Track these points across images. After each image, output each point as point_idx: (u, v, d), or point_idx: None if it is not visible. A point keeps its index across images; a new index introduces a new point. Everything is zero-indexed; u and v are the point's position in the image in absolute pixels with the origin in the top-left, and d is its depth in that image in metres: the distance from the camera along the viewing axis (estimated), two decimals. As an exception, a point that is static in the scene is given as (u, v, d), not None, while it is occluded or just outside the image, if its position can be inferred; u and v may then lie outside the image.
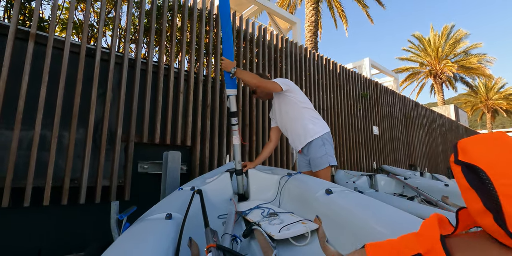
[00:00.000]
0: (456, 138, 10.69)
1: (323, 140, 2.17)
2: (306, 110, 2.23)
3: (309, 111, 2.25)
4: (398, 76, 15.05)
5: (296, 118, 2.22)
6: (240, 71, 2.04)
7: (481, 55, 20.73)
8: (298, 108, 2.22)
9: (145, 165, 2.72)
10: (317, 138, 2.17)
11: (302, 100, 2.25)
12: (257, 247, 1.29)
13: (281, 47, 4.36)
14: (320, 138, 2.17)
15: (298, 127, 2.22)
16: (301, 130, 2.21)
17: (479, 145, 0.49)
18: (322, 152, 2.14)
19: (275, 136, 2.43)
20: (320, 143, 2.16)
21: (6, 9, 2.33)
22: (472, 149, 0.48)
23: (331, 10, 12.34)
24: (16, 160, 2.00)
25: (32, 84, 2.11)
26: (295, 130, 2.25)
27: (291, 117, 2.24)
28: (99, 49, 2.48)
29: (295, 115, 2.22)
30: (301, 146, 2.25)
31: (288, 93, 2.21)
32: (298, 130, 2.23)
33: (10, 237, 2.04)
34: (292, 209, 1.68)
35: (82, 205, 2.27)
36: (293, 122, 2.24)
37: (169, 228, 1.12)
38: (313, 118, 2.24)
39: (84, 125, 2.36)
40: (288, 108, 2.24)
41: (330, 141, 2.21)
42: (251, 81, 2.10)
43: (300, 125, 2.21)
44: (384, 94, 6.87)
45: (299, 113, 2.21)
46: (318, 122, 2.24)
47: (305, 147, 2.24)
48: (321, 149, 2.15)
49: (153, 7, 2.92)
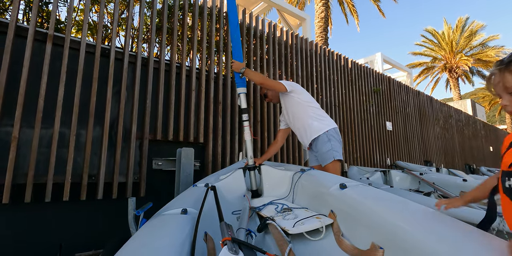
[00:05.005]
0: (473, 134, 10.40)
1: (328, 136, 2.30)
2: (311, 109, 2.38)
3: (314, 109, 2.39)
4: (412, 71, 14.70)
5: (302, 117, 2.37)
6: (248, 71, 2.26)
7: (498, 48, 19.97)
8: (303, 107, 2.37)
9: (159, 162, 2.76)
10: (322, 134, 2.30)
11: (307, 99, 2.40)
12: (272, 242, 1.30)
13: (291, 44, 4.34)
14: (325, 134, 2.30)
15: (304, 125, 2.37)
16: (307, 127, 2.36)
17: None
18: (328, 147, 2.27)
19: (281, 137, 2.61)
20: (325, 139, 2.29)
21: (25, 12, 2.41)
22: None
23: (342, 6, 12.15)
24: (37, 157, 2.07)
25: (50, 84, 2.18)
26: (302, 128, 2.39)
27: (297, 116, 2.40)
28: (113, 49, 2.53)
29: (300, 114, 2.38)
30: (308, 142, 2.40)
31: (293, 94, 2.37)
32: (305, 128, 2.37)
33: (32, 232, 2.12)
34: (306, 204, 1.68)
35: (100, 201, 2.34)
36: (299, 121, 2.39)
37: (185, 223, 1.14)
38: (318, 115, 2.38)
39: (100, 123, 2.42)
40: (294, 108, 2.40)
41: (336, 137, 2.34)
42: (256, 79, 2.33)
43: (306, 123, 2.36)
44: (398, 89, 6.73)
45: (304, 112, 2.37)
46: (323, 119, 2.38)
47: (313, 144, 2.38)
48: (327, 144, 2.28)
49: (164, 7, 2.96)
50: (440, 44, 20.58)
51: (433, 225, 0.91)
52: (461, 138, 9.25)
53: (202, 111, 3.06)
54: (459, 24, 20.06)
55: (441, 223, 0.92)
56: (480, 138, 10.90)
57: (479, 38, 19.77)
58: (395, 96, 6.59)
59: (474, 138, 10.35)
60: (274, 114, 3.81)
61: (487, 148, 11.35)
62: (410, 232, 0.92)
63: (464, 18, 20.00)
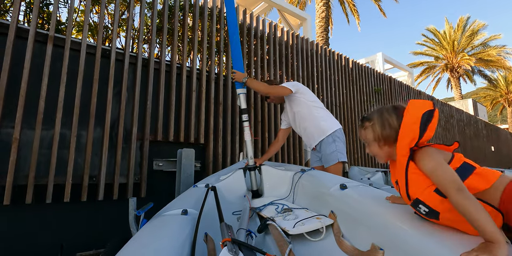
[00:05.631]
0: (475, 133, 10.37)
1: (333, 137, 2.30)
2: (316, 109, 2.37)
3: (320, 109, 2.39)
4: (413, 71, 14.66)
5: (307, 117, 2.36)
6: (251, 81, 2.29)
7: (500, 47, 19.91)
8: (308, 108, 2.36)
9: (160, 163, 2.77)
10: (328, 136, 2.31)
11: (312, 99, 2.39)
12: (272, 242, 1.30)
13: (292, 44, 4.33)
14: (331, 136, 2.31)
15: (311, 126, 2.35)
16: (314, 128, 2.34)
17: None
18: (332, 148, 2.27)
19: (282, 137, 2.60)
20: (330, 140, 2.29)
21: (26, 13, 2.42)
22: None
23: (342, 5, 12.13)
24: (38, 159, 2.08)
25: (51, 85, 2.19)
26: (308, 128, 2.38)
27: (302, 116, 2.38)
28: (113, 49, 2.53)
29: (306, 114, 2.36)
30: (315, 143, 2.38)
31: (298, 94, 2.36)
32: (311, 129, 2.36)
33: (33, 232, 2.13)
34: (306, 205, 1.68)
35: (101, 202, 2.34)
36: (305, 121, 2.37)
37: (185, 223, 1.14)
38: (325, 116, 2.38)
39: (101, 124, 2.42)
40: (299, 108, 2.38)
41: (341, 138, 2.34)
42: (261, 89, 2.34)
43: (312, 124, 2.34)
44: (399, 89, 6.72)
45: (310, 112, 2.35)
46: (330, 120, 2.38)
47: (318, 144, 2.37)
48: (332, 145, 2.28)
49: (165, 7, 2.96)
50: (441, 44, 20.52)
51: (433, 226, 0.91)
52: (462, 138, 9.23)
53: (203, 112, 3.06)
54: (461, 23, 20.01)
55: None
56: (481, 138, 10.87)
57: (481, 37, 19.71)
58: (396, 96, 6.57)
59: (476, 138, 10.32)
60: (275, 114, 3.81)
61: (488, 148, 11.31)
62: (411, 233, 0.91)
63: (466, 17, 19.95)
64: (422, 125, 0.91)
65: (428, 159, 0.88)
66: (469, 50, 20.34)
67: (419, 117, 0.92)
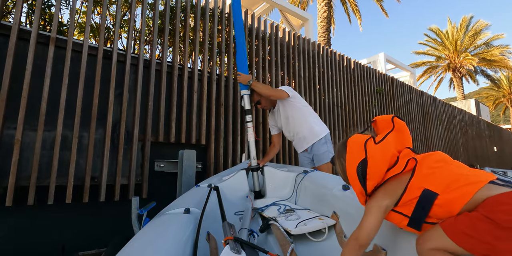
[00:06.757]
0: (477, 134, 10.31)
1: (325, 139, 2.52)
2: (309, 114, 2.55)
3: (312, 114, 2.57)
4: (415, 71, 14.61)
5: (301, 121, 2.50)
6: (256, 83, 2.39)
7: (503, 47, 19.83)
8: (302, 112, 2.51)
9: (161, 164, 2.77)
10: (321, 138, 2.51)
11: (304, 104, 2.57)
12: (274, 242, 1.29)
13: (293, 44, 4.33)
14: (323, 138, 2.51)
15: (304, 129, 2.51)
16: (307, 132, 2.50)
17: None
18: (325, 148, 2.47)
19: (277, 141, 2.74)
20: (323, 142, 2.50)
21: (28, 15, 2.43)
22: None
23: (344, 5, 12.14)
24: (40, 160, 2.08)
25: (53, 87, 2.19)
26: (301, 132, 2.52)
27: (296, 120, 2.51)
28: (115, 51, 2.54)
29: (300, 119, 2.50)
30: (307, 146, 2.54)
31: (292, 99, 2.48)
32: (305, 132, 2.51)
33: (36, 233, 2.13)
34: (309, 205, 1.67)
35: (102, 203, 2.34)
36: (299, 125, 2.51)
37: (188, 222, 1.13)
38: (317, 120, 2.57)
39: (102, 125, 2.43)
40: (293, 112, 2.50)
41: (330, 141, 2.58)
42: (265, 91, 2.42)
43: (306, 127, 2.50)
44: (401, 90, 6.70)
45: (304, 116, 2.51)
46: (321, 125, 2.59)
47: (310, 146, 2.53)
48: (324, 146, 2.48)
49: (166, 8, 2.97)
50: (444, 43, 20.47)
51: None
52: (464, 138, 9.18)
53: (204, 113, 3.06)
54: (463, 23, 19.96)
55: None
56: (484, 138, 10.80)
57: (484, 37, 19.65)
58: (398, 97, 6.55)
59: (478, 138, 10.26)
60: (277, 115, 3.80)
61: (491, 148, 11.24)
62: (413, 234, 0.91)
63: (469, 17, 19.91)
64: (361, 179, 0.95)
65: (370, 205, 0.97)
66: (471, 50, 20.28)
67: (355, 172, 0.96)
